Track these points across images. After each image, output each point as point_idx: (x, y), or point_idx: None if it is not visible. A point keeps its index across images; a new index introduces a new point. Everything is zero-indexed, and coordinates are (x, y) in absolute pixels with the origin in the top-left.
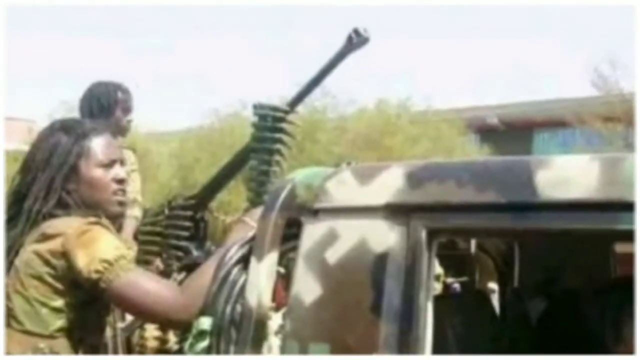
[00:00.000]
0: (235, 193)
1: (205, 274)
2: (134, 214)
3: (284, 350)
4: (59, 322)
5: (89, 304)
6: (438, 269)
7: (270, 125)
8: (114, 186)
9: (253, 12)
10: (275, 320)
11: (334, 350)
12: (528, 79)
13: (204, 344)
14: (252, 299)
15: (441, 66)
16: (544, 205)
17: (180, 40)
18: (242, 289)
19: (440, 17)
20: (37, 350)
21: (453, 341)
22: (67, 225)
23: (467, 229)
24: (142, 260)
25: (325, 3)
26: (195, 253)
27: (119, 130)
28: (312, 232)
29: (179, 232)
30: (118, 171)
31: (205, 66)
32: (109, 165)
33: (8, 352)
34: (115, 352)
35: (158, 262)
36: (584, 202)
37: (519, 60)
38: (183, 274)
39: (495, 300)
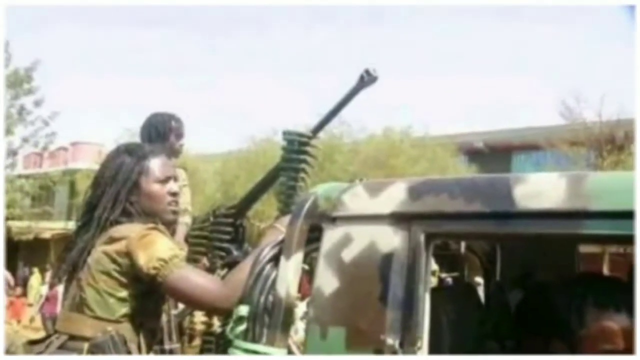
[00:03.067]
0: (268, 204)
1: (243, 270)
2: (185, 221)
3: (307, 332)
4: (124, 309)
5: (148, 295)
6: (434, 266)
7: (296, 148)
8: (169, 198)
9: (282, 56)
10: (300, 308)
11: (349, 332)
12: (508, 110)
13: (242, 327)
14: (281, 290)
15: (437, 99)
16: (521, 214)
17: (223, 78)
18: (274, 282)
19: (436, 58)
20: (105, 332)
21: (446, 325)
22: (130, 230)
23: (458, 233)
24: (192, 259)
25: (341, 49)
26: (235, 253)
27: (173, 152)
28: (331, 236)
29: (222, 236)
30: (172, 186)
31: (243, 100)
32: (165, 181)
33: (81, 334)
34: (170, 334)
35: (205, 261)
36: (554, 212)
37: (501, 94)
38: (225, 270)
39: (481, 291)
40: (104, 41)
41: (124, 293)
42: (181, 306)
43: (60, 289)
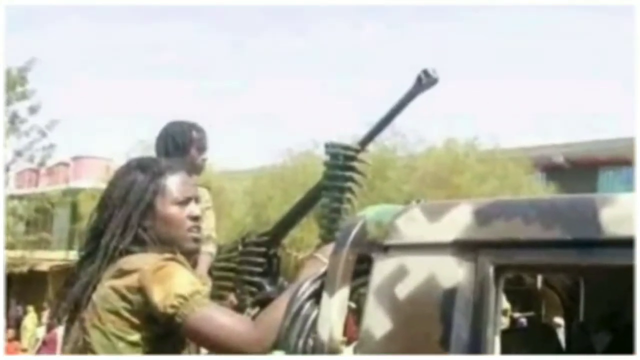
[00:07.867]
0: (307, 230)
1: (278, 309)
2: (208, 250)
3: None
4: (136, 355)
5: (164, 338)
6: (505, 304)
7: (341, 163)
8: (189, 223)
9: (325, 56)
10: (346, 353)
11: None
12: (591, 118)
13: None
14: (324, 333)
15: (507, 106)
16: (608, 241)
17: (254, 82)
18: (314, 323)
19: (505, 59)
20: None
21: None
22: (143, 261)
23: (533, 265)
24: (217, 296)
25: (393, 48)
26: (268, 288)
27: (194, 168)
28: (382, 268)
29: (252, 268)
30: (193, 208)
31: (278, 107)
32: (184, 202)
33: None
34: None
35: (232, 297)
36: None
37: (582, 100)
38: (256, 309)
39: (561, 334)
40: (114, 38)
41: (135, 336)
42: (204, 351)
43: (59, 331)
